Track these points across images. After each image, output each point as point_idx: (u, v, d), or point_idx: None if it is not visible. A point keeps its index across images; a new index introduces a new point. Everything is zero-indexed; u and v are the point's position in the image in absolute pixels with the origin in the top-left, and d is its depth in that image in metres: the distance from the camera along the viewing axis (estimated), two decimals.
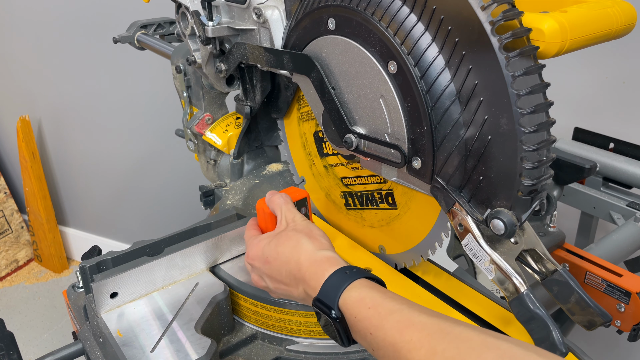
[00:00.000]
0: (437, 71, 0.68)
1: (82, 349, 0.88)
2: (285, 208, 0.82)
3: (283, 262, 0.74)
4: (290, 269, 0.73)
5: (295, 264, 0.72)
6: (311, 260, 0.71)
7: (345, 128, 0.84)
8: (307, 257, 0.72)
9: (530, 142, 0.63)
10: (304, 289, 0.71)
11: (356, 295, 0.64)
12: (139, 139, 2.48)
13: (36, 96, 2.68)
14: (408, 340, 0.57)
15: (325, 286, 0.67)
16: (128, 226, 2.77)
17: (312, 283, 0.69)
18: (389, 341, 0.58)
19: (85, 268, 0.87)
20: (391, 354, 0.58)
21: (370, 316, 0.61)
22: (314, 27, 0.83)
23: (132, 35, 1.50)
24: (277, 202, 0.83)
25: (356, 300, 0.64)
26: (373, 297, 0.63)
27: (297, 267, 0.72)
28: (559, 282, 0.76)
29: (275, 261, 0.75)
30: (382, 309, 0.61)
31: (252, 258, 0.79)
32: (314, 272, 0.70)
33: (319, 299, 0.67)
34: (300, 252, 0.73)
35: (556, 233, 1.11)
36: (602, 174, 1.30)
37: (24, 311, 2.66)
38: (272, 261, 0.75)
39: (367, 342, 0.62)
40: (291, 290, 0.74)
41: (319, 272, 0.69)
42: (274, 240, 0.77)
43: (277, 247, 0.75)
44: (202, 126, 1.29)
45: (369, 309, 0.62)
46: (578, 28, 0.67)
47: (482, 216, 0.69)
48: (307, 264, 0.71)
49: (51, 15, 2.38)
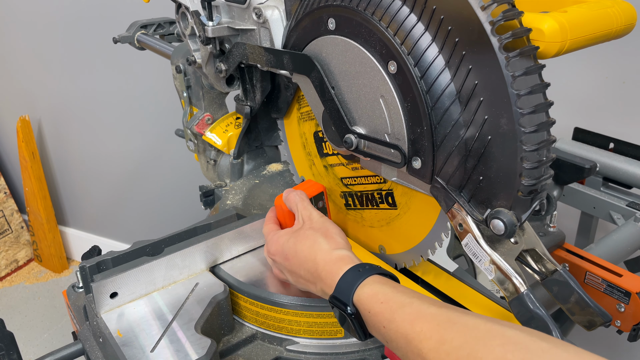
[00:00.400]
0: (437, 71, 0.68)
1: (82, 349, 0.88)
2: (302, 206, 0.87)
3: (301, 260, 0.78)
4: (308, 267, 0.77)
5: (312, 263, 0.76)
6: (326, 260, 0.75)
7: (345, 128, 0.84)
8: (323, 257, 0.76)
9: (530, 142, 0.63)
10: (321, 287, 0.76)
11: (369, 291, 0.67)
12: (139, 139, 2.48)
13: (36, 96, 2.68)
14: (419, 331, 0.60)
15: (340, 284, 0.71)
16: (128, 226, 2.77)
17: (328, 281, 0.73)
18: (401, 333, 0.62)
19: (85, 268, 0.87)
20: (403, 345, 0.61)
21: (382, 310, 0.65)
22: (314, 27, 0.83)
23: (132, 35, 1.50)
24: (294, 200, 0.88)
25: (369, 296, 0.67)
26: (385, 292, 0.66)
27: (314, 267, 0.76)
28: (559, 282, 0.76)
29: (294, 259, 0.79)
30: (394, 303, 0.64)
31: (273, 254, 0.84)
32: (329, 271, 0.74)
33: (334, 296, 0.71)
34: (316, 252, 0.77)
35: (556, 233, 1.11)
36: (602, 174, 1.30)
37: (24, 311, 2.66)
38: (292, 258, 0.80)
39: (382, 335, 0.66)
40: (309, 286, 0.79)
41: (334, 271, 0.73)
42: (292, 238, 0.81)
43: (295, 245, 0.80)
44: (202, 126, 1.29)
45: (382, 304, 0.65)
46: (578, 28, 0.67)
47: (482, 216, 0.69)
48: (322, 263, 0.75)
49: (51, 16, 2.38)
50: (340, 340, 0.86)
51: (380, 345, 0.85)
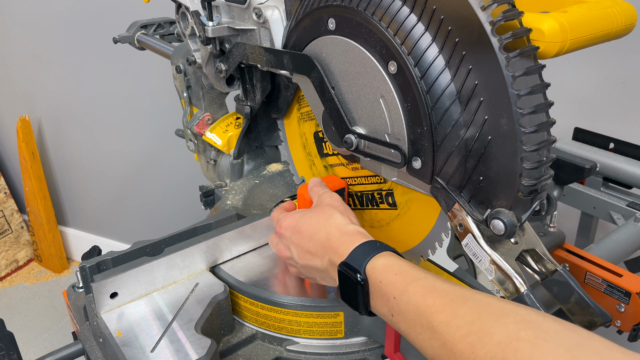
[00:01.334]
0: (437, 71, 0.68)
1: (82, 349, 0.88)
2: (322, 190, 0.88)
3: (314, 231, 0.78)
4: (320, 237, 0.77)
5: (326, 233, 0.77)
6: (342, 232, 0.76)
7: (345, 128, 0.84)
8: (338, 229, 0.76)
9: (531, 143, 0.63)
10: (329, 258, 0.75)
11: (384, 262, 0.68)
12: (139, 139, 2.48)
13: (36, 96, 2.68)
14: (431, 304, 0.60)
15: (354, 252, 0.71)
16: (128, 226, 2.77)
17: (341, 250, 0.73)
18: (412, 304, 0.62)
19: (85, 268, 0.87)
20: (413, 316, 0.61)
21: (395, 281, 0.65)
22: (314, 27, 0.83)
23: (132, 35, 1.50)
24: (316, 190, 0.90)
25: (384, 266, 0.68)
26: (400, 265, 0.67)
27: (327, 237, 0.76)
28: (559, 282, 0.76)
29: (306, 231, 0.80)
30: (408, 276, 0.65)
31: (285, 227, 0.84)
32: (344, 241, 0.74)
33: (346, 262, 0.71)
34: (331, 224, 0.78)
35: (556, 233, 1.11)
36: (602, 174, 1.30)
37: (24, 311, 2.66)
38: (303, 230, 0.80)
39: (388, 307, 0.66)
40: (315, 261, 0.78)
41: (349, 241, 0.73)
42: (308, 213, 0.82)
43: (310, 219, 0.80)
44: (202, 126, 1.29)
45: (396, 275, 0.66)
46: (578, 28, 0.67)
47: (482, 216, 0.69)
48: (337, 234, 0.76)
49: (51, 16, 2.38)
50: (340, 340, 0.86)
51: (380, 345, 0.85)
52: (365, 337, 0.86)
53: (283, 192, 1.19)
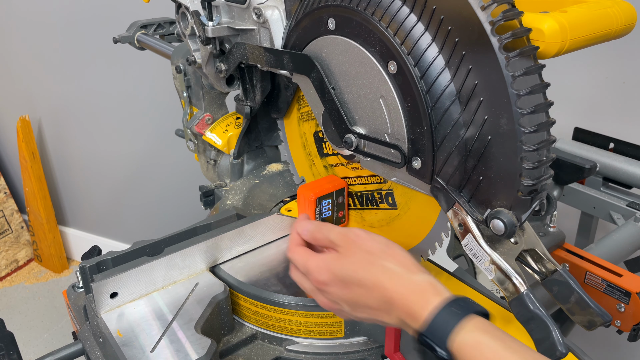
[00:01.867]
0: (437, 71, 0.68)
1: (82, 349, 0.88)
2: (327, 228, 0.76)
3: (369, 288, 0.68)
4: (381, 295, 0.68)
5: (383, 289, 0.67)
6: (405, 287, 0.66)
7: (345, 128, 0.84)
8: (402, 284, 0.67)
9: (530, 142, 0.63)
10: (398, 317, 0.67)
11: (471, 341, 0.61)
12: (139, 139, 2.48)
13: (36, 96, 2.68)
14: None
15: (434, 323, 0.63)
16: (128, 226, 2.77)
17: (412, 312, 0.65)
18: None
19: (85, 268, 0.87)
20: None
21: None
22: (314, 27, 0.83)
23: (132, 35, 1.50)
24: (312, 229, 0.77)
25: (472, 346, 0.61)
26: (490, 346, 0.60)
27: (387, 294, 0.67)
28: (559, 282, 0.75)
29: (358, 288, 0.69)
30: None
31: (325, 284, 0.72)
32: (414, 300, 0.65)
33: (425, 335, 0.63)
34: (390, 278, 0.67)
35: (556, 233, 1.11)
36: (602, 174, 1.30)
37: (24, 311, 2.66)
38: (354, 287, 0.69)
39: None
40: (381, 315, 0.69)
41: (422, 302, 0.65)
42: (347, 264, 0.71)
43: (356, 272, 0.69)
44: (202, 126, 1.29)
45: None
46: (578, 28, 0.67)
47: (482, 216, 0.69)
48: (402, 291, 0.66)
49: (51, 16, 2.38)
50: (340, 340, 0.86)
51: (380, 345, 0.85)
52: (365, 337, 0.86)
53: (283, 192, 1.19)
